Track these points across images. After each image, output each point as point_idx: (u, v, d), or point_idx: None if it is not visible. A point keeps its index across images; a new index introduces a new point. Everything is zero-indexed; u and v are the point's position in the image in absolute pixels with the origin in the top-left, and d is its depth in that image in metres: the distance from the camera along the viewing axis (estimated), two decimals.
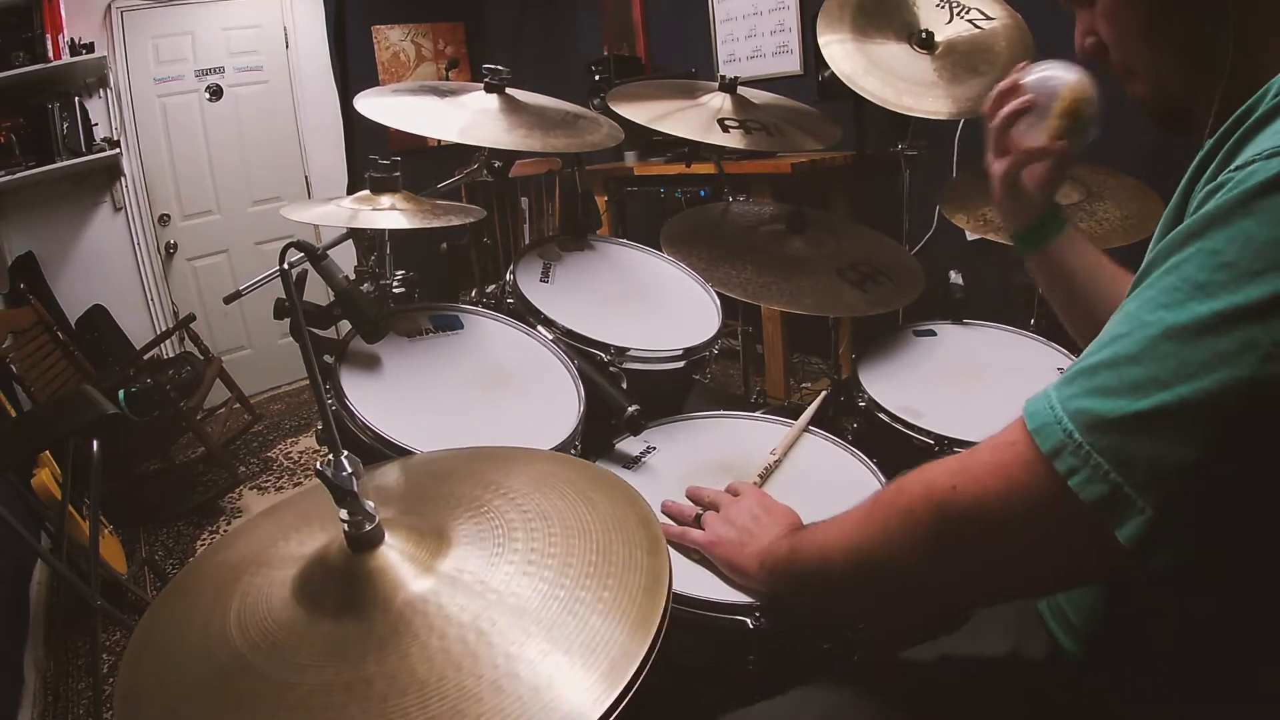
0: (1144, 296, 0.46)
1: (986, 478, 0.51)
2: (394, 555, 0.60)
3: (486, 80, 1.36)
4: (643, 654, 0.52)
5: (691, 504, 0.93)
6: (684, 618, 0.78)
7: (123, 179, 3.62)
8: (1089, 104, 0.88)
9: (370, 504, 0.60)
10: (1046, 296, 0.97)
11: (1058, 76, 0.89)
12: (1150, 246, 0.51)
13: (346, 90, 1.42)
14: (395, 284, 1.38)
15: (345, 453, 0.59)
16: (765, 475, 1.02)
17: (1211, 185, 0.45)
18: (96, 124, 3.46)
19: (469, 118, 1.30)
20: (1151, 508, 0.42)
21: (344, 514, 0.60)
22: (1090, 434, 0.45)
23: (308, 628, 0.57)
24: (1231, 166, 0.44)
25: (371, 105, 1.28)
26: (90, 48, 3.28)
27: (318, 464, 0.59)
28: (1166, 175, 0.64)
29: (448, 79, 4.25)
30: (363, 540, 0.60)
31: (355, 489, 0.59)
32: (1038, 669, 0.69)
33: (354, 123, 1.39)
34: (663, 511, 0.93)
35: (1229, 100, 0.50)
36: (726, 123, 1.44)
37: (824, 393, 1.26)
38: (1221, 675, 0.55)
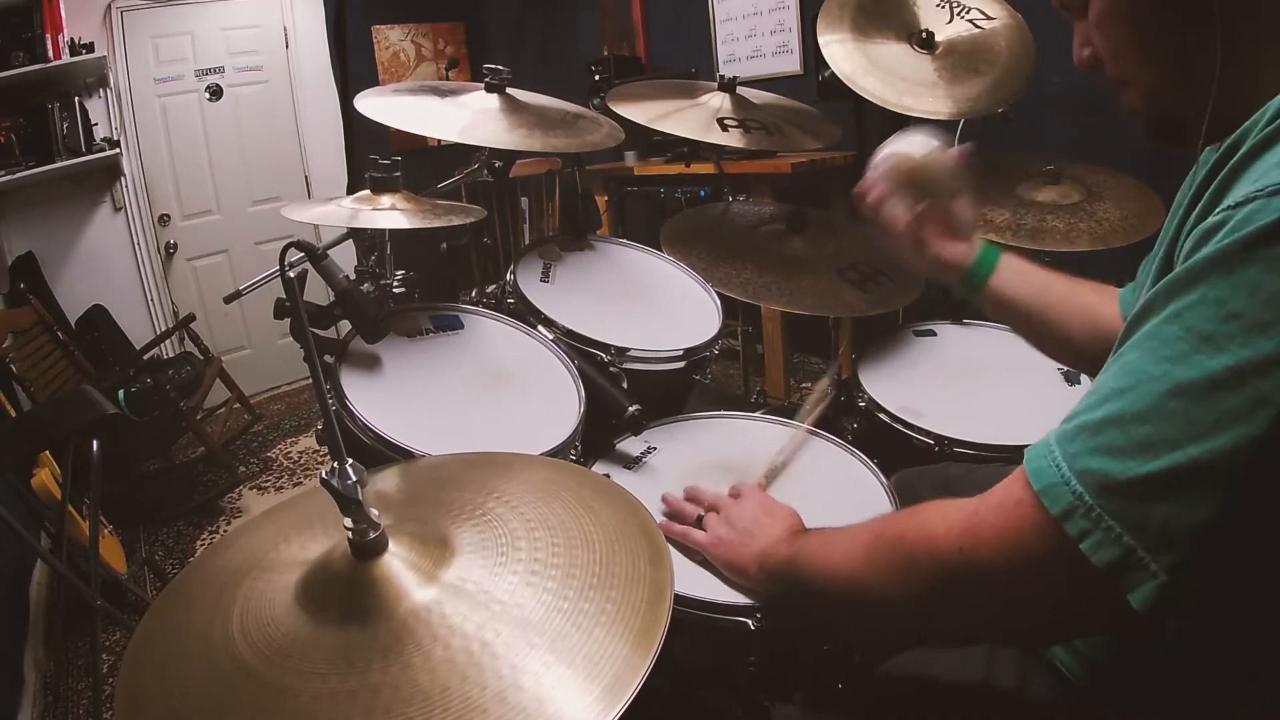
0: (1145, 346, 0.44)
1: (995, 540, 0.50)
2: (397, 563, 0.60)
3: (487, 80, 1.36)
4: (645, 667, 0.52)
5: (693, 505, 0.93)
6: (685, 619, 0.78)
7: (123, 179, 3.61)
8: (932, 163, 0.94)
9: (374, 512, 0.60)
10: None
11: (895, 153, 0.97)
12: (1146, 281, 0.50)
13: (346, 90, 1.42)
14: (395, 284, 1.38)
15: (350, 460, 0.59)
16: (770, 477, 1.02)
17: (1207, 223, 0.44)
18: (96, 124, 3.45)
19: (469, 118, 1.30)
20: (1164, 571, 0.41)
21: (349, 522, 0.59)
22: (1100, 496, 0.44)
23: (311, 634, 0.57)
24: (1227, 202, 0.43)
25: (371, 105, 1.28)
26: (90, 48, 3.28)
27: (323, 472, 0.59)
28: (1166, 175, 0.64)
29: (448, 79, 4.25)
30: (367, 548, 0.60)
31: (360, 498, 0.59)
32: (1042, 693, 0.68)
33: (354, 123, 1.38)
34: (662, 501, 0.93)
35: (1220, 110, 0.49)
36: (726, 122, 1.44)
37: (828, 396, 1.25)
38: (1228, 703, 0.55)
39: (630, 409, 1.09)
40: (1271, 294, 0.39)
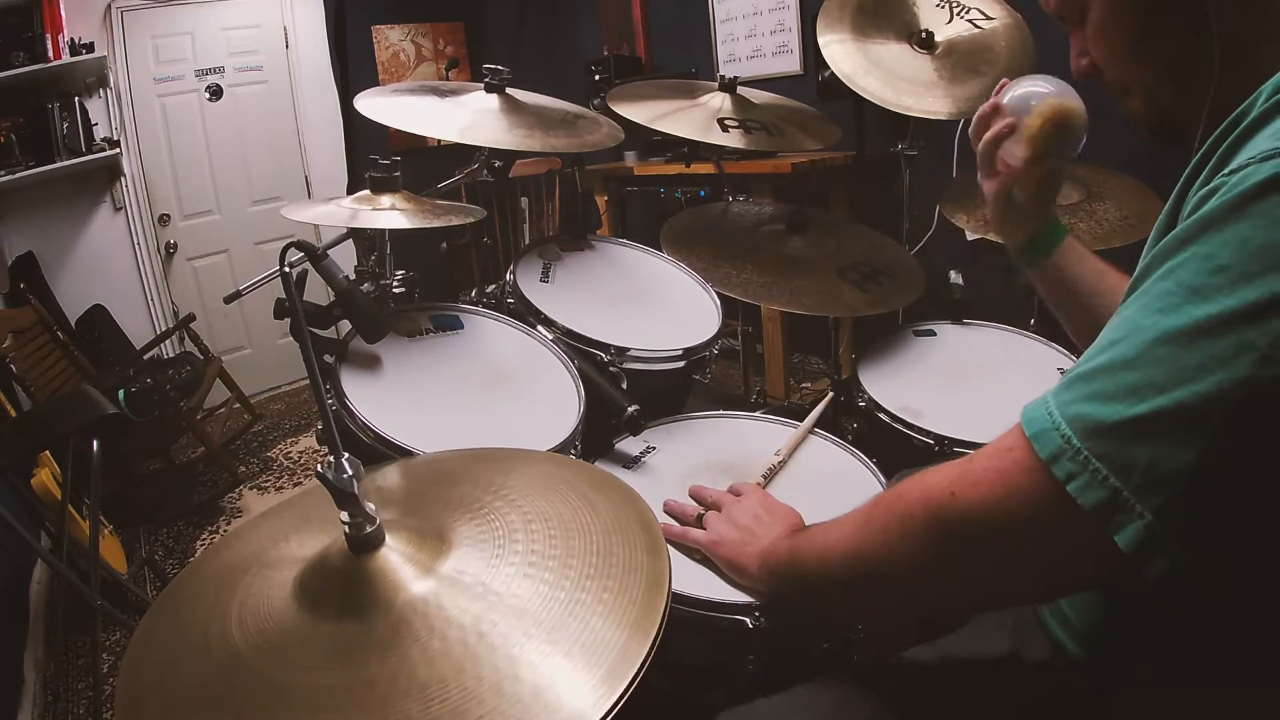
0: (1140, 302, 0.46)
1: (985, 483, 0.51)
2: (395, 557, 0.60)
3: (487, 80, 1.36)
4: (643, 655, 0.52)
5: (694, 504, 0.93)
6: (684, 617, 0.78)
7: (123, 179, 3.61)
8: (1069, 118, 0.88)
9: (371, 506, 0.60)
10: (1051, 307, 0.98)
11: (1036, 93, 0.89)
12: (1144, 251, 0.51)
13: (346, 90, 1.42)
14: (395, 284, 1.38)
15: (346, 455, 0.59)
16: (769, 476, 1.02)
17: (1205, 190, 0.45)
18: (96, 124, 3.46)
19: (469, 118, 1.30)
20: (1150, 512, 0.42)
21: (345, 516, 0.60)
22: (1088, 439, 0.45)
23: (309, 629, 0.57)
24: (1225, 171, 0.44)
25: (371, 105, 1.28)
26: (90, 48, 3.28)
27: (319, 466, 0.59)
28: (1166, 175, 0.64)
29: (448, 79, 4.25)
30: (364, 542, 0.60)
31: (356, 491, 0.59)
32: (1038, 670, 0.69)
33: (354, 123, 1.39)
34: (665, 511, 0.93)
35: (1218, 110, 0.50)
36: (726, 122, 1.44)
37: (829, 394, 1.26)
38: (1223, 676, 0.55)
39: (630, 409, 1.09)
40: (1259, 246, 0.40)
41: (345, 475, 0.59)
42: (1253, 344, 0.39)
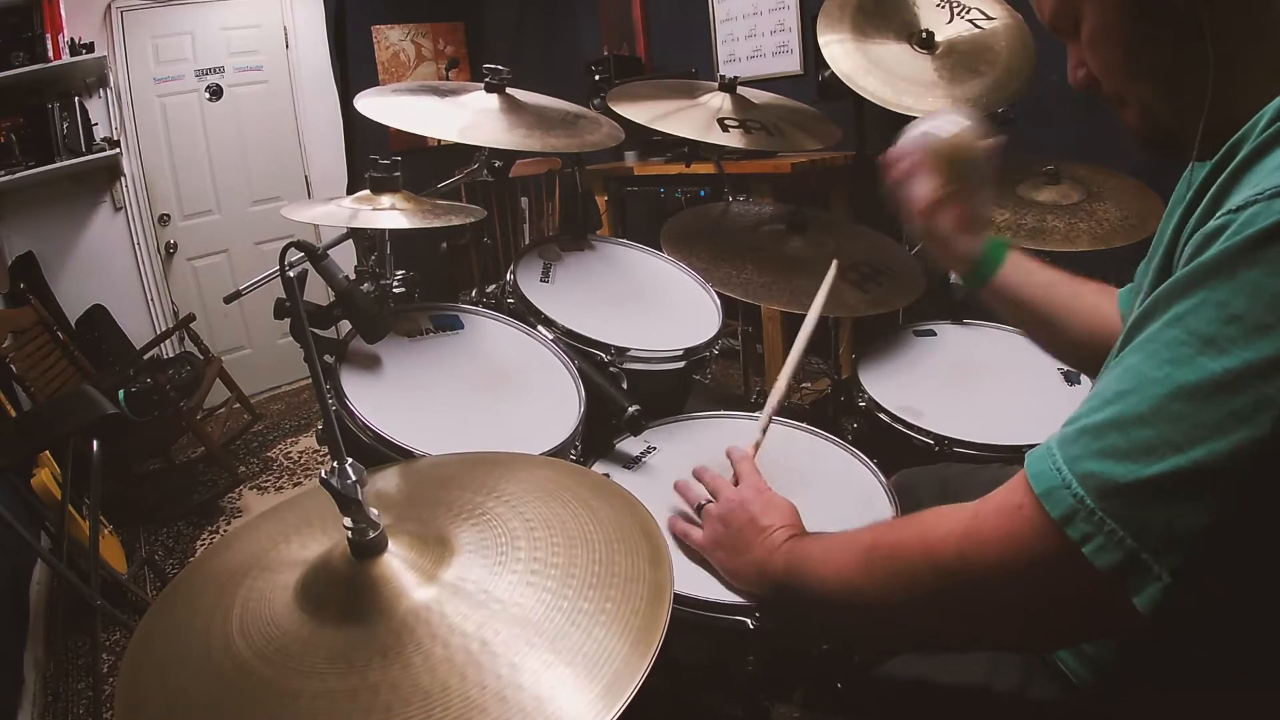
0: (1147, 350, 0.44)
1: (995, 544, 0.50)
2: (397, 563, 0.60)
3: (487, 80, 1.36)
4: (645, 667, 0.52)
5: (701, 489, 0.92)
6: (684, 618, 0.78)
7: (123, 179, 3.61)
8: (965, 145, 0.91)
9: (374, 512, 0.60)
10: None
11: (930, 131, 0.93)
12: (1141, 293, 0.50)
13: (346, 90, 1.42)
14: (395, 284, 1.38)
15: (350, 460, 0.59)
16: (761, 432, 0.98)
17: (1207, 228, 0.44)
18: (96, 124, 3.46)
19: (469, 118, 1.30)
20: (1168, 574, 0.41)
21: (348, 521, 0.59)
22: (1103, 500, 0.43)
23: (311, 634, 0.57)
24: (1227, 207, 0.43)
25: (371, 105, 1.28)
26: (90, 48, 3.28)
27: (323, 471, 0.59)
28: (1166, 175, 0.64)
29: (448, 79, 4.25)
30: (366, 548, 0.60)
31: (360, 497, 0.58)
32: (1045, 694, 0.68)
33: (354, 123, 1.39)
34: (675, 489, 0.93)
35: (1213, 123, 0.49)
36: (726, 122, 1.44)
37: (835, 262, 1.18)
38: (1230, 702, 0.55)
39: (630, 409, 1.09)
40: (1273, 296, 0.39)
41: (349, 481, 0.58)
42: (1272, 400, 0.38)
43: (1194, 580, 0.41)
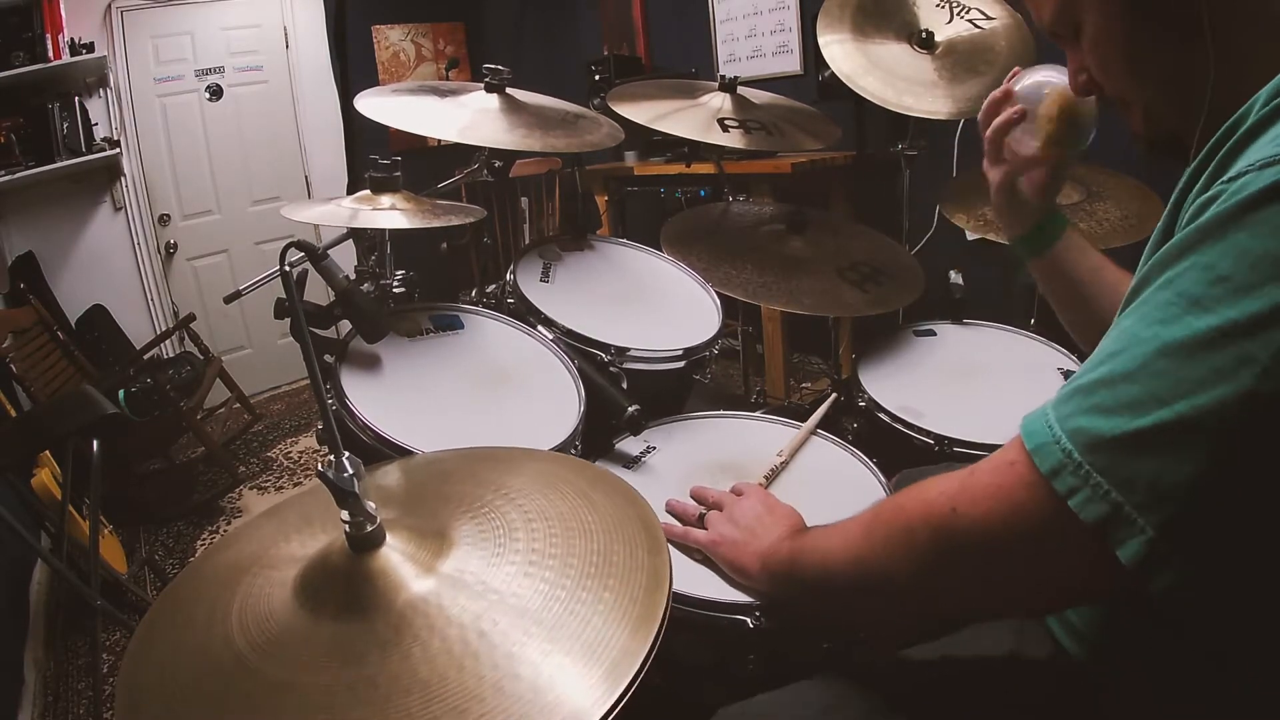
0: (1139, 312, 0.45)
1: (986, 499, 0.51)
2: (395, 556, 0.60)
3: (487, 80, 1.36)
4: (644, 654, 0.52)
5: (695, 504, 0.93)
6: (685, 617, 0.78)
7: (123, 179, 3.61)
8: (1082, 108, 0.87)
9: (371, 505, 0.60)
10: (1048, 299, 0.98)
11: (1049, 81, 0.88)
12: (1142, 260, 0.51)
13: (346, 90, 1.42)
14: (395, 284, 1.38)
15: (346, 454, 0.59)
16: (771, 477, 1.02)
17: (1203, 198, 0.45)
18: (96, 124, 3.46)
19: (469, 118, 1.30)
20: (1152, 527, 0.42)
21: (345, 515, 0.60)
22: (1089, 453, 0.44)
23: (310, 628, 0.57)
24: (1223, 178, 0.44)
25: (371, 105, 1.28)
26: (90, 48, 3.28)
27: (319, 465, 0.59)
28: (1166, 175, 0.64)
29: (448, 79, 4.25)
30: (364, 541, 0.60)
31: (357, 490, 0.59)
32: (1038, 670, 0.69)
33: (354, 123, 1.39)
34: (667, 510, 0.93)
35: (1213, 121, 0.50)
36: (726, 123, 1.44)
37: (833, 395, 1.26)
38: (1223, 679, 0.55)
39: (630, 409, 1.09)
40: (1259, 256, 0.40)
41: (346, 474, 0.59)
42: (1254, 357, 0.39)
43: (1179, 536, 0.42)
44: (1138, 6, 0.54)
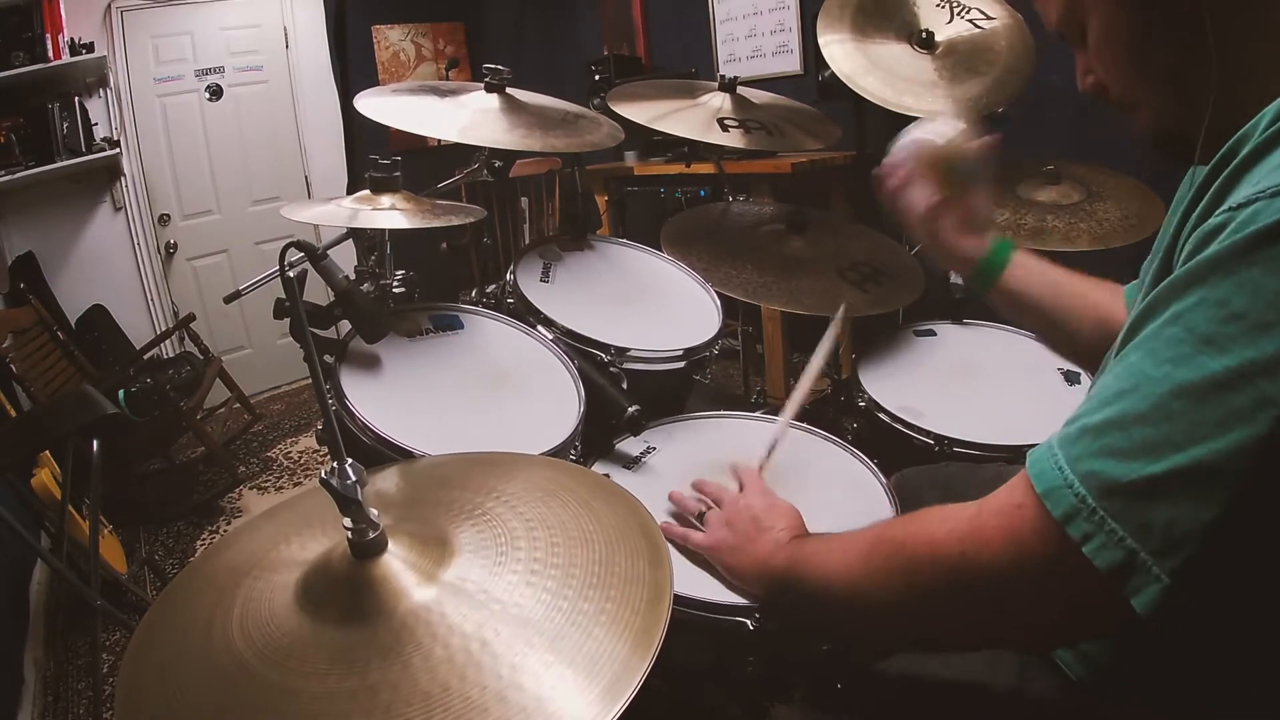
0: (1147, 348, 0.44)
1: (996, 543, 0.50)
2: (397, 563, 0.60)
3: (487, 80, 1.35)
4: (644, 668, 0.52)
5: (696, 498, 0.93)
6: (684, 619, 0.78)
7: (123, 179, 3.61)
8: (957, 150, 0.92)
9: (374, 512, 0.60)
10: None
11: (920, 138, 0.94)
12: (1143, 282, 0.50)
13: (346, 90, 1.42)
14: (395, 284, 1.38)
15: (350, 460, 0.59)
16: (768, 456, 1.00)
17: (1207, 225, 0.43)
18: (96, 124, 3.45)
19: (469, 117, 1.30)
20: (1167, 575, 0.41)
21: (348, 522, 0.59)
22: (1103, 499, 0.43)
23: (311, 634, 0.57)
24: (1228, 204, 0.43)
25: (371, 105, 1.28)
26: (90, 48, 3.28)
27: (323, 472, 0.59)
28: (1167, 175, 0.64)
29: (448, 79, 4.25)
30: (366, 548, 0.60)
31: (360, 498, 0.58)
32: (1043, 692, 0.68)
33: (354, 123, 1.38)
34: (670, 500, 0.93)
35: (1217, 121, 0.49)
36: (726, 122, 1.44)
37: (836, 327, 1.20)
38: (1231, 704, 0.55)
39: (630, 409, 1.09)
40: (1274, 294, 0.38)
41: (349, 481, 0.58)
42: (1272, 399, 0.38)
43: (1192, 583, 0.41)
44: (1141, 7, 0.54)
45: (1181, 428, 0.41)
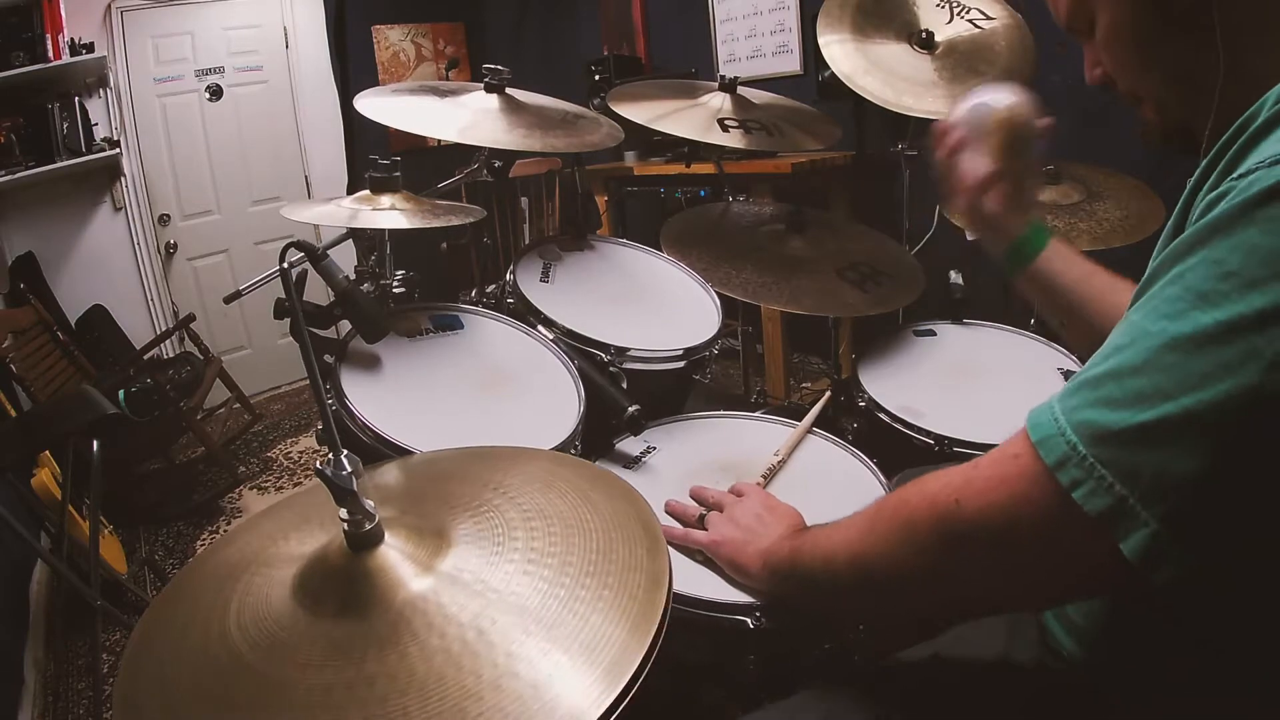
0: (1147, 307, 0.45)
1: (990, 491, 0.51)
2: (394, 554, 0.60)
3: (487, 80, 1.36)
4: (643, 653, 0.52)
5: (695, 504, 0.93)
6: (684, 617, 0.78)
7: (123, 179, 3.61)
8: (1021, 121, 0.91)
9: (370, 503, 0.60)
10: (1040, 311, 0.98)
11: (986, 103, 0.93)
12: (1153, 257, 0.51)
13: (346, 90, 1.42)
14: (395, 284, 1.38)
15: (345, 452, 0.59)
16: (769, 476, 1.02)
17: (1213, 194, 0.45)
18: (96, 124, 3.45)
19: (469, 118, 1.30)
20: (1156, 520, 0.42)
21: (344, 513, 0.60)
22: (1094, 446, 0.44)
23: (308, 627, 0.57)
24: (1233, 175, 0.44)
25: (371, 105, 1.28)
26: (90, 48, 3.28)
27: (318, 463, 0.59)
28: (1167, 175, 0.64)
29: (448, 79, 4.25)
30: (363, 539, 0.60)
31: (355, 488, 0.59)
32: (1036, 669, 0.69)
33: (354, 123, 1.39)
34: (666, 512, 0.93)
35: (1224, 114, 0.50)
36: (726, 123, 1.44)
37: (827, 393, 1.26)
38: (1222, 678, 0.55)
39: (630, 409, 1.09)
40: (1268, 252, 0.40)
41: (344, 472, 0.59)
42: (1260, 351, 0.39)
43: (1184, 530, 0.42)
44: (1149, 3, 0.55)
45: (1173, 378, 0.42)
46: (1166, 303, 0.44)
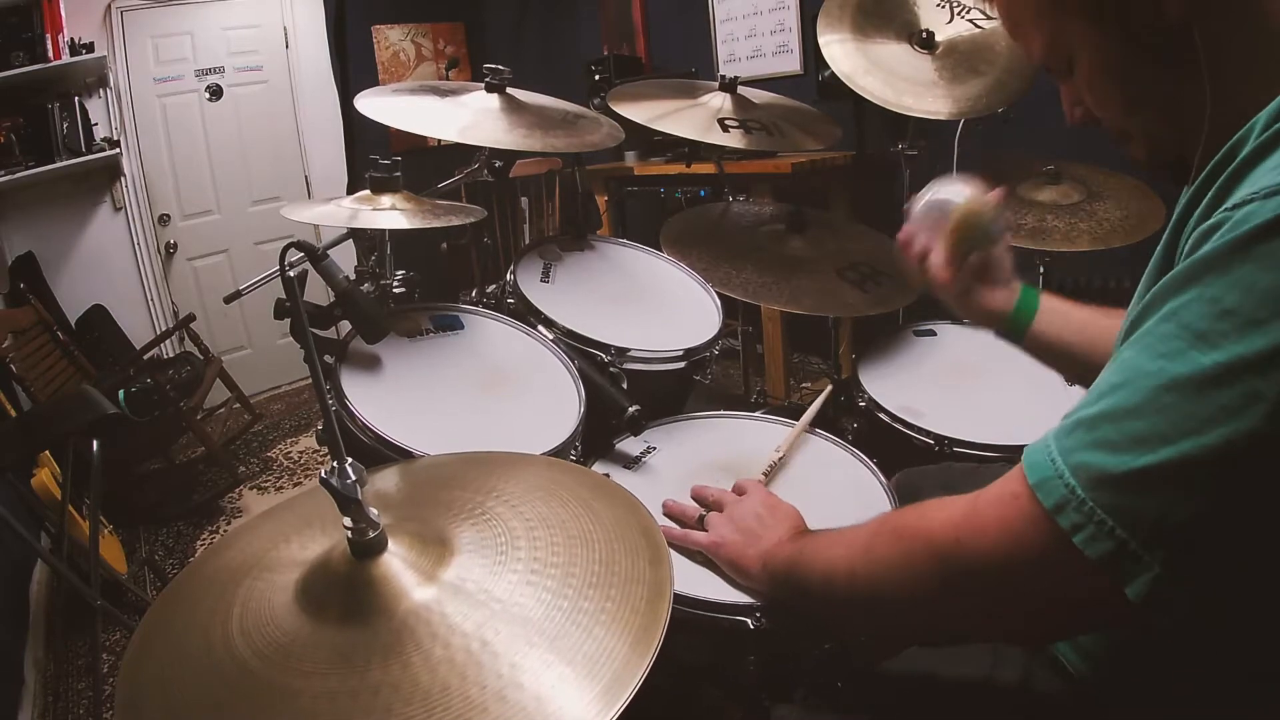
0: (1142, 344, 0.45)
1: (990, 531, 0.51)
2: (397, 563, 0.60)
3: (487, 80, 1.36)
4: (645, 667, 0.52)
5: (695, 504, 0.93)
6: (684, 618, 0.78)
7: (123, 179, 3.61)
8: (976, 210, 0.91)
9: (374, 511, 0.60)
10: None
11: (935, 201, 0.94)
12: (1141, 286, 0.50)
13: (346, 90, 1.42)
14: (395, 284, 1.38)
15: (350, 460, 0.59)
16: (770, 474, 1.02)
17: (1205, 225, 0.44)
18: (96, 124, 3.45)
19: (469, 117, 1.30)
20: (1159, 564, 0.42)
21: (348, 521, 0.59)
22: (1093, 490, 0.44)
23: (311, 634, 0.57)
24: (1225, 205, 0.43)
25: (371, 105, 1.28)
26: (90, 48, 3.28)
27: (323, 471, 0.59)
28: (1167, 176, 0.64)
29: (448, 79, 4.25)
30: (366, 547, 0.60)
31: (360, 497, 0.58)
32: (1038, 683, 0.68)
33: (354, 123, 1.39)
34: (665, 513, 0.93)
35: (1214, 140, 0.49)
36: (726, 123, 1.44)
37: (828, 389, 1.26)
38: (1227, 687, 0.55)
39: (630, 409, 1.09)
40: (1265, 290, 0.39)
41: (349, 480, 0.58)
42: (1261, 395, 0.38)
43: (1186, 572, 0.42)
44: (1130, 40, 0.53)
45: (1172, 421, 0.41)
46: (1162, 340, 0.43)
